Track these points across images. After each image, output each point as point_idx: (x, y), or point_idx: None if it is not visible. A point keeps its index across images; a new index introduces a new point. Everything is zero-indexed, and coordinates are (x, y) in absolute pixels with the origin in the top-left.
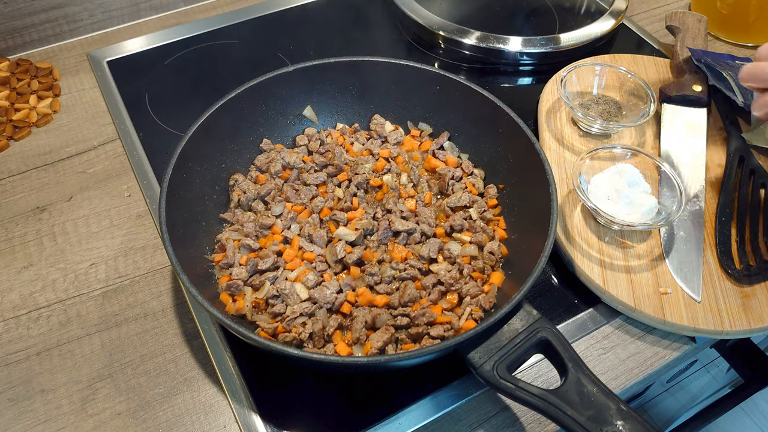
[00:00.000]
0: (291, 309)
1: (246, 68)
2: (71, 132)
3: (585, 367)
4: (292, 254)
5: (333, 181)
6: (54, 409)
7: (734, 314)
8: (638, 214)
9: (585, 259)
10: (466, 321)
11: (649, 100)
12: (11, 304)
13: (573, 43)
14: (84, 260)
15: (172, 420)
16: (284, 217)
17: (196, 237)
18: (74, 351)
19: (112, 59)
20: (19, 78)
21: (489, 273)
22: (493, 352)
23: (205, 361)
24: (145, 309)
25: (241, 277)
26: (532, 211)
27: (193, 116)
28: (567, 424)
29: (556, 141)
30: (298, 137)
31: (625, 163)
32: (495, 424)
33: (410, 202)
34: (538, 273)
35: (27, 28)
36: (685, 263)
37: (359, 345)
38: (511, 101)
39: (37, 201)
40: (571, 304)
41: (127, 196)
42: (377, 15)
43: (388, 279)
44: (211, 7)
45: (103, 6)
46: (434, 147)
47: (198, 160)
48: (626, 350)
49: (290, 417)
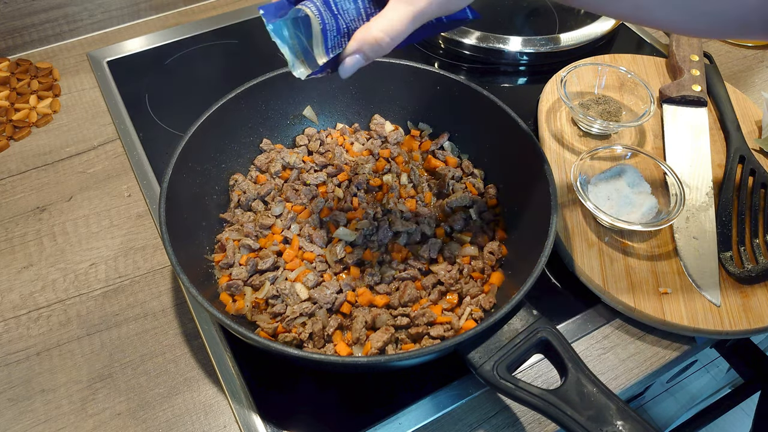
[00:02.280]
0: (291, 309)
1: (246, 68)
2: (71, 132)
3: (585, 367)
4: (292, 254)
5: (333, 181)
6: (54, 409)
7: (734, 314)
8: (638, 214)
9: (585, 259)
10: (466, 321)
11: (649, 100)
12: (11, 304)
13: (573, 43)
14: (84, 260)
15: (172, 420)
16: (284, 217)
17: (196, 237)
18: (74, 351)
19: (112, 59)
20: (19, 78)
21: (489, 273)
22: (493, 352)
23: (205, 361)
24: (145, 309)
25: (241, 277)
26: (532, 211)
27: (193, 116)
28: (567, 424)
29: (556, 141)
30: (298, 137)
31: (625, 163)
32: (495, 424)
33: (410, 202)
34: (538, 273)
35: (27, 28)
36: (702, 268)
37: (359, 345)
38: (511, 101)
39: (37, 201)
40: (571, 304)
41: (127, 196)
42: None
43: (388, 279)
44: (211, 7)
45: (103, 6)
46: (434, 147)
47: (198, 160)
48: (626, 350)
49: (290, 417)
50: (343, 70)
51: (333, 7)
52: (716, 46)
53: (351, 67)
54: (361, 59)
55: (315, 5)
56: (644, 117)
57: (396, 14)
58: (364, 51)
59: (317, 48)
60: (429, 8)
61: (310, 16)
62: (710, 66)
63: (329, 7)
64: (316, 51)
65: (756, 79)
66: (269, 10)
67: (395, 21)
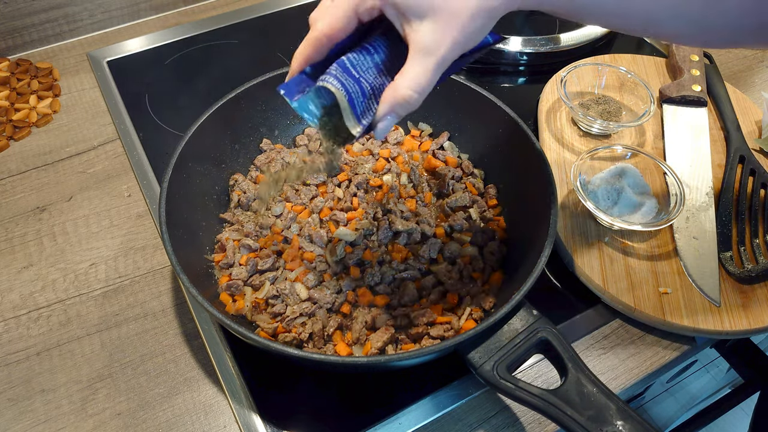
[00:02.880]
0: (291, 309)
1: (246, 68)
2: (71, 132)
3: (585, 367)
4: (292, 254)
5: (333, 181)
6: (54, 409)
7: (734, 314)
8: (638, 214)
9: (585, 259)
10: (466, 321)
11: (649, 100)
12: (11, 304)
13: (573, 43)
14: (84, 260)
15: (172, 420)
16: (284, 217)
17: (196, 237)
18: (74, 351)
19: (112, 59)
20: (19, 78)
21: (489, 273)
22: (493, 352)
23: (205, 361)
24: (145, 309)
25: (241, 277)
26: (532, 211)
27: (193, 116)
28: (567, 424)
29: (556, 141)
30: (298, 137)
31: (625, 163)
32: (495, 424)
33: (410, 202)
34: (538, 273)
35: (27, 28)
36: (702, 268)
37: (359, 345)
38: (511, 101)
39: (37, 201)
40: (571, 304)
41: (127, 196)
42: None
43: (388, 279)
44: (211, 7)
45: (103, 6)
46: (434, 147)
47: (198, 160)
48: (626, 350)
49: (290, 417)
50: (378, 134)
51: (353, 71)
52: None
53: (385, 129)
54: (394, 119)
55: (335, 77)
56: (644, 117)
57: (420, 68)
58: (395, 111)
59: (349, 120)
60: (450, 54)
61: (334, 92)
62: (710, 66)
63: (350, 74)
64: (349, 123)
65: (756, 79)
66: (290, 88)
67: (420, 75)
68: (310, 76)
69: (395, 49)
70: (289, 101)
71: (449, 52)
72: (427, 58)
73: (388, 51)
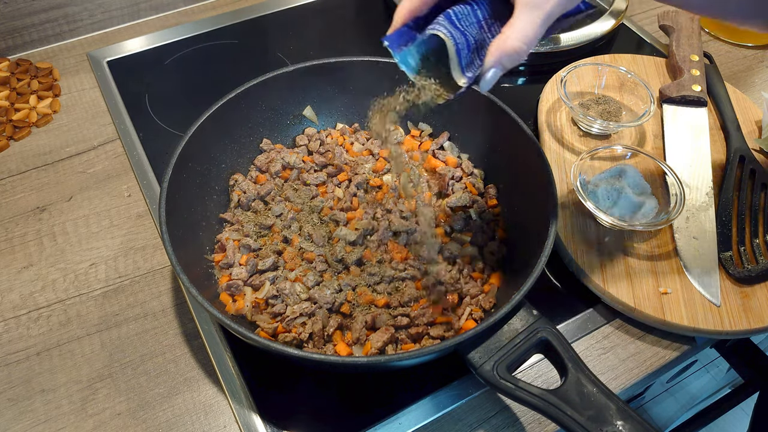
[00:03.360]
0: (291, 309)
1: (246, 68)
2: (71, 132)
3: (585, 367)
4: (292, 254)
5: (333, 181)
6: (54, 409)
7: (734, 314)
8: (638, 214)
9: (585, 259)
10: (466, 321)
11: (649, 100)
12: (11, 304)
13: (573, 43)
14: (84, 260)
15: (172, 420)
16: (284, 217)
17: (196, 237)
18: (74, 351)
19: (112, 59)
20: (19, 78)
21: (489, 273)
22: (493, 352)
23: (205, 361)
24: (145, 309)
25: (241, 277)
26: (532, 211)
27: (193, 116)
28: (567, 424)
29: (556, 141)
30: (298, 137)
31: (625, 163)
32: (495, 424)
33: (410, 202)
34: (538, 273)
35: (27, 28)
36: (702, 268)
37: (359, 345)
38: (511, 101)
39: (37, 201)
40: (571, 304)
41: (127, 196)
42: (377, 15)
43: (388, 279)
44: (211, 7)
45: (103, 6)
46: (434, 147)
47: (198, 160)
48: (626, 350)
49: (290, 417)
50: (484, 84)
51: (458, 24)
52: (716, 46)
53: (491, 80)
54: (500, 71)
55: (444, 27)
56: (644, 117)
57: (527, 20)
58: (503, 63)
59: (455, 70)
60: (555, 9)
61: (445, 39)
62: (710, 66)
63: (455, 26)
64: (455, 73)
65: (756, 79)
66: (393, 39)
67: (528, 27)
68: (412, 29)
69: (496, 6)
70: (393, 52)
71: (554, 7)
72: (534, 11)
73: (489, 8)
